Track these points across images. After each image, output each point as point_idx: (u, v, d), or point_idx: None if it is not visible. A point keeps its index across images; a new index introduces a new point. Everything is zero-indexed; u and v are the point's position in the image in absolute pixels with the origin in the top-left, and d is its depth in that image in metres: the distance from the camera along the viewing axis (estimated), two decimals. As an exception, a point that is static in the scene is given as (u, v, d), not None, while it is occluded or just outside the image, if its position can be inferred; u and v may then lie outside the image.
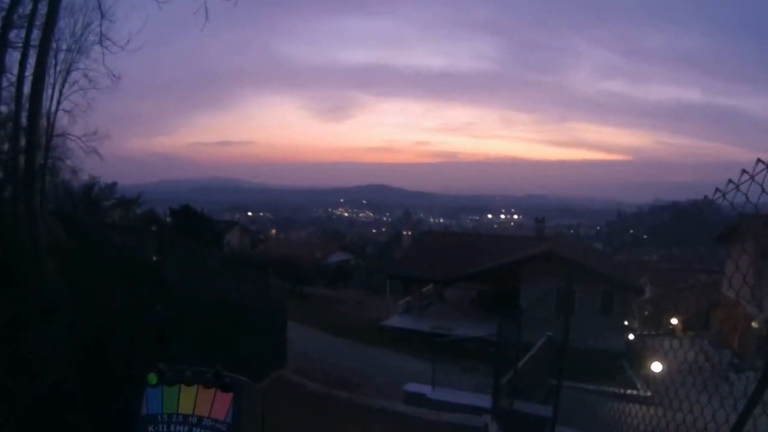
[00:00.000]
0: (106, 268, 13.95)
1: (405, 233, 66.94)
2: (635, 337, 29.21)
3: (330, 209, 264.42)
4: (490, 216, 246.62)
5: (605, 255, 54.93)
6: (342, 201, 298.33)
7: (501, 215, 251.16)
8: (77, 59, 22.03)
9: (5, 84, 15.20)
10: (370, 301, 37.80)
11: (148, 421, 1.77)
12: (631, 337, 28.75)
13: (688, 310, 33.41)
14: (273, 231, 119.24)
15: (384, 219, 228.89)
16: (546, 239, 34.94)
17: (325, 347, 23.06)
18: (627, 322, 29.56)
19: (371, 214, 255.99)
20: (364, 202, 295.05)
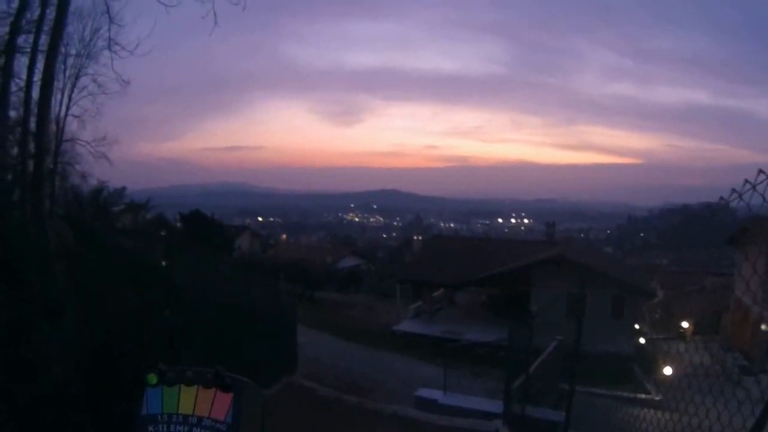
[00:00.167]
0: (115, 272, 13.98)
1: (415, 238, 66.84)
2: (646, 341, 29.03)
3: (340, 214, 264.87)
4: (500, 220, 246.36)
5: (616, 259, 54.64)
6: (352, 206, 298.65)
7: (511, 219, 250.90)
8: (86, 64, 22.27)
9: (14, 89, 15.28)
10: (380, 306, 37.78)
11: (148, 421, 1.77)
12: (642, 341, 28.58)
13: (698, 313, 33.22)
14: (283, 236, 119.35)
15: (394, 224, 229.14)
16: (556, 243, 34.85)
17: (336, 352, 23.05)
18: (637, 325, 29.40)
19: (381, 218, 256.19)
20: (374, 206, 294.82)
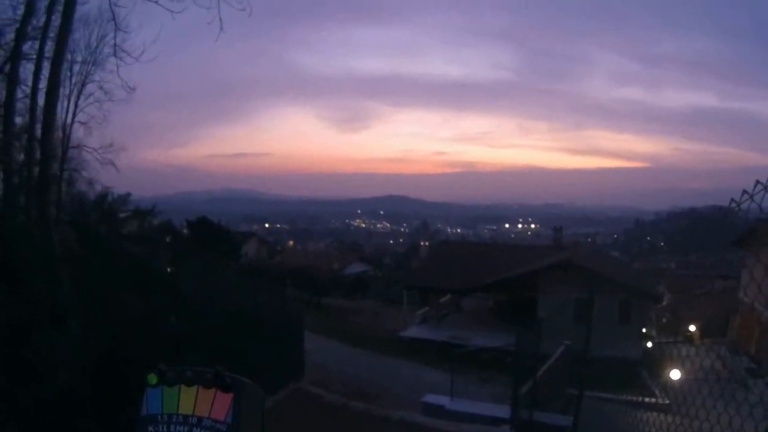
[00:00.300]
0: (120, 278, 14.01)
1: (422, 244, 66.62)
2: (653, 345, 28.90)
3: (347, 220, 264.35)
4: (507, 225, 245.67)
5: (623, 263, 54.44)
6: (359, 212, 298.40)
7: (518, 224, 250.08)
8: (92, 71, 22.26)
9: (20, 95, 15.33)
10: (387, 312, 37.68)
11: (148, 422, 1.77)
12: (649, 345, 28.46)
13: (706, 316, 33.06)
14: (290, 242, 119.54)
15: (401, 230, 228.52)
16: (564, 248, 34.81)
17: (343, 358, 23.01)
18: (645, 329, 29.28)
19: (389, 224, 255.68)
20: (381, 212, 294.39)
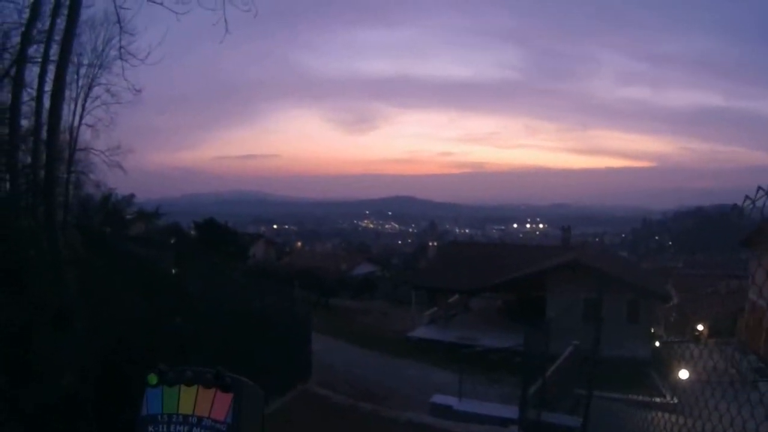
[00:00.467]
0: (126, 279, 14.02)
1: (430, 244, 66.60)
2: (661, 345, 28.79)
3: (355, 221, 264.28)
4: (515, 225, 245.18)
5: (630, 263, 54.28)
6: (367, 213, 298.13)
7: (526, 224, 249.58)
8: (99, 74, 22.27)
9: (26, 98, 15.38)
10: (395, 313, 37.62)
11: (148, 422, 1.77)
12: (658, 345, 28.35)
13: (713, 316, 32.91)
14: (298, 243, 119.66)
15: (409, 230, 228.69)
16: (572, 248, 34.76)
17: (351, 359, 23.01)
18: (653, 329, 29.17)
19: (396, 225, 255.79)
20: (389, 213, 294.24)
